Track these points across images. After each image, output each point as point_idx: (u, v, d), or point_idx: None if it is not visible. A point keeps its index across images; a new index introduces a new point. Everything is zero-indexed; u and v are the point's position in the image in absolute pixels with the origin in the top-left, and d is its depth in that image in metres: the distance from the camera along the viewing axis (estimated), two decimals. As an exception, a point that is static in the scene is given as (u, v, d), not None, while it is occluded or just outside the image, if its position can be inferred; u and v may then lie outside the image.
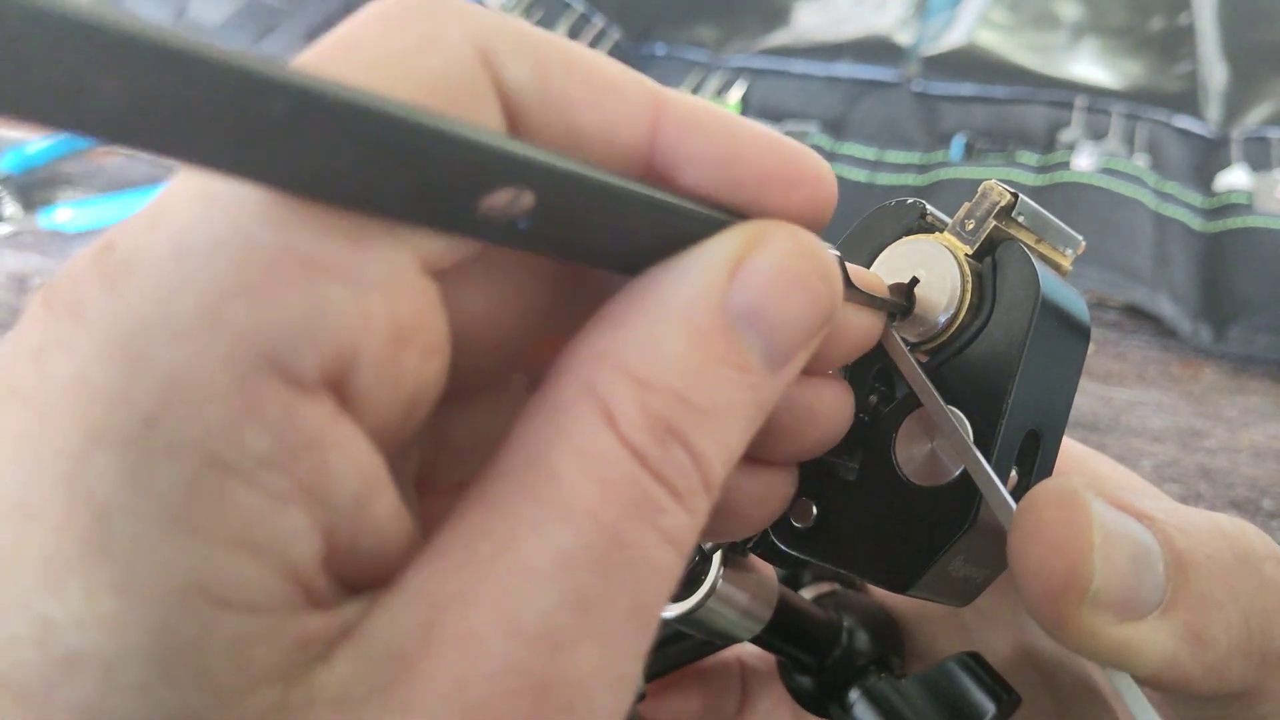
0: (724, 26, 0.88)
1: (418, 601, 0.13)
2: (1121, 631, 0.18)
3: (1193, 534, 0.19)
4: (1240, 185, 0.68)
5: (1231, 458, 0.56)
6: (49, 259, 0.66)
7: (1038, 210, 0.22)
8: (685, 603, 0.25)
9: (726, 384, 0.15)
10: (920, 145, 0.75)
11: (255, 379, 0.12)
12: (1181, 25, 0.82)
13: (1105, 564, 0.18)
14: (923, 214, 0.23)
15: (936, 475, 0.21)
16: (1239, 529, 0.20)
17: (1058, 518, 0.18)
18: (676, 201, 0.16)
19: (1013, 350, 0.21)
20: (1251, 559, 0.20)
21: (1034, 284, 0.21)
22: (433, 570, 0.13)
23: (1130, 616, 0.18)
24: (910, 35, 0.83)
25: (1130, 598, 0.18)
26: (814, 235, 0.17)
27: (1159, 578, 0.19)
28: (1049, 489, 0.19)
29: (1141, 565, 0.19)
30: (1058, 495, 0.19)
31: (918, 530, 0.21)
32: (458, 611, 0.13)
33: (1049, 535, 0.18)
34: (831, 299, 0.17)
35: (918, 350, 0.22)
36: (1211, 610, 0.19)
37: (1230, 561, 0.19)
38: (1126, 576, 0.18)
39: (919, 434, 0.22)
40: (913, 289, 0.22)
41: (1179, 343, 0.62)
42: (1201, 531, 0.20)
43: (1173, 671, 0.19)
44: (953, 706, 0.25)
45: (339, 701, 0.12)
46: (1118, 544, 0.18)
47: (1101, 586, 0.18)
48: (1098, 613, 0.18)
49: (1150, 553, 0.19)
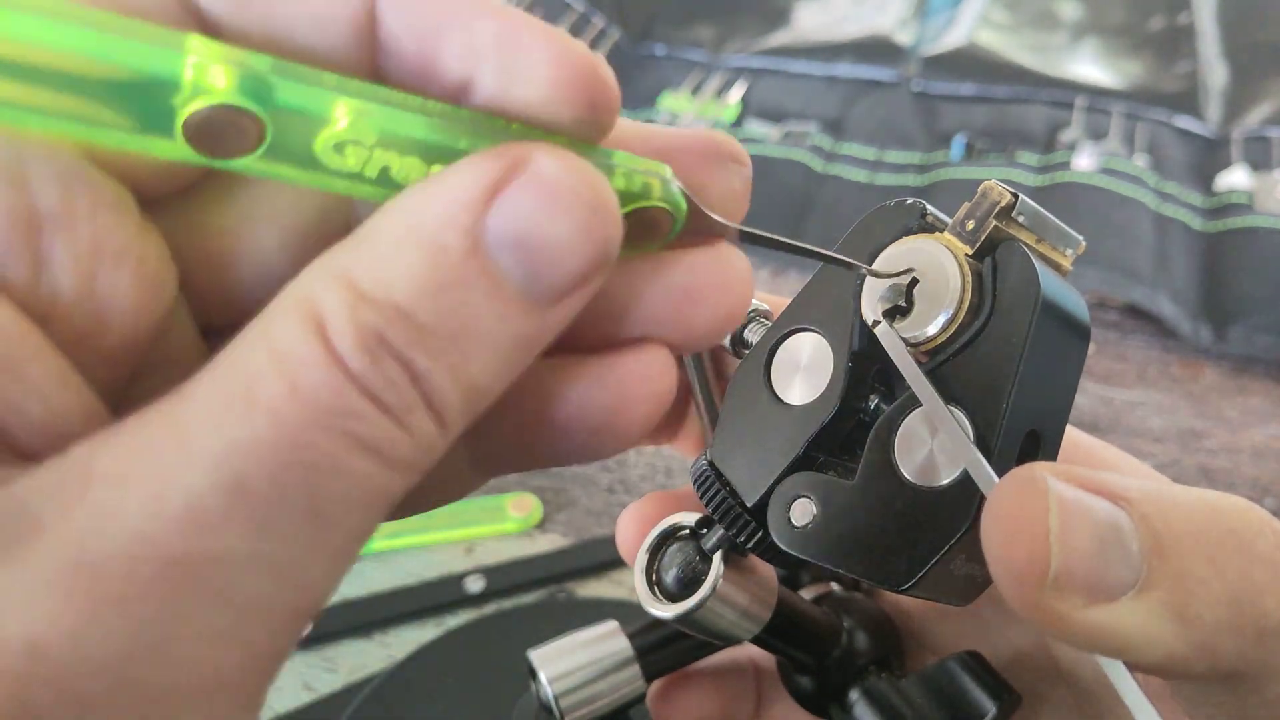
0: (724, 26, 0.88)
1: (71, 471, 0.13)
2: (1094, 614, 0.18)
3: (1174, 511, 0.19)
4: (1240, 185, 0.68)
5: (1232, 458, 0.56)
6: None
7: (1038, 210, 0.22)
8: (685, 603, 0.25)
9: (469, 310, 0.15)
10: (920, 145, 0.75)
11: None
12: (1181, 25, 0.82)
13: (1065, 545, 0.18)
14: (923, 214, 0.23)
15: (937, 475, 0.21)
16: (1231, 504, 0.20)
17: (1013, 504, 0.18)
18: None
19: (1013, 350, 0.21)
20: (1241, 533, 0.19)
21: (1034, 284, 0.21)
22: (99, 446, 0.13)
23: (1101, 598, 0.18)
24: (910, 35, 0.83)
25: (1098, 579, 0.18)
26: (587, 163, 0.16)
27: (1133, 557, 0.18)
28: (1010, 476, 0.18)
29: (1108, 545, 0.18)
30: (1015, 481, 0.18)
31: (918, 530, 0.21)
32: (105, 485, 0.13)
33: (1008, 522, 0.18)
34: (605, 232, 0.16)
35: (917, 350, 0.22)
36: (1193, 587, 0.18)
37: (1216, 536, 0.19)
38: (1091, 558, 0.18)
39: (919, 434, 0.22)
40: (912, 289, 0.22)
41: (1179, 343, 0.62)
42: (1185, 508, 0.19)
43: (1157, 652, 0.18)
44: (953, 706, 0.25)
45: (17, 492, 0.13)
46: (1079, 525, 0.18)
47: (1062, 568, 0.18)
48: (1063, 596, 0.18)
49: (1120, 531, 0.18)
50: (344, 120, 0.14)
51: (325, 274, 0.15)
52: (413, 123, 0.15)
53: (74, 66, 0.12)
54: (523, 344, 0.16)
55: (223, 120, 0.13)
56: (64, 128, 0.13)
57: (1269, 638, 0.19)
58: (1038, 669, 0.26)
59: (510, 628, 0.49)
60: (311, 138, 0.14)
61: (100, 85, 0.13)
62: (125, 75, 0.13)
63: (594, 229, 0.15)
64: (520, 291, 0.15)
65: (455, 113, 0.16)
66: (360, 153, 0.15)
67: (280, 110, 0.14)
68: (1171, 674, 0.19)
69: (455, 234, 0.15)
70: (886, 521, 0.21)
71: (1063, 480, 0.18)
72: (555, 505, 0.55)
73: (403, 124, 0.15)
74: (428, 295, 0.14)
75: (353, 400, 0.14)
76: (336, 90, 0.14)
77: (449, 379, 0.15)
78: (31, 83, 0.12)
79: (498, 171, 0.15)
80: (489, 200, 0.15)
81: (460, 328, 0.15)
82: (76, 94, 0.13)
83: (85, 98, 0.13)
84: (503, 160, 0.15)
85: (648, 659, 0.30)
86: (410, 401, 0.15)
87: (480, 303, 0.15)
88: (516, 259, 0.15)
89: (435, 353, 0.15)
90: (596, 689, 0.29)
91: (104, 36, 0.12)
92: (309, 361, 0.14)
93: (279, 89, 0.14)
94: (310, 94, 0.14)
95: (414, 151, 0.15)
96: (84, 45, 0.12)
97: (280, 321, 0.14)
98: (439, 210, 0.15)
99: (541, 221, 0.15)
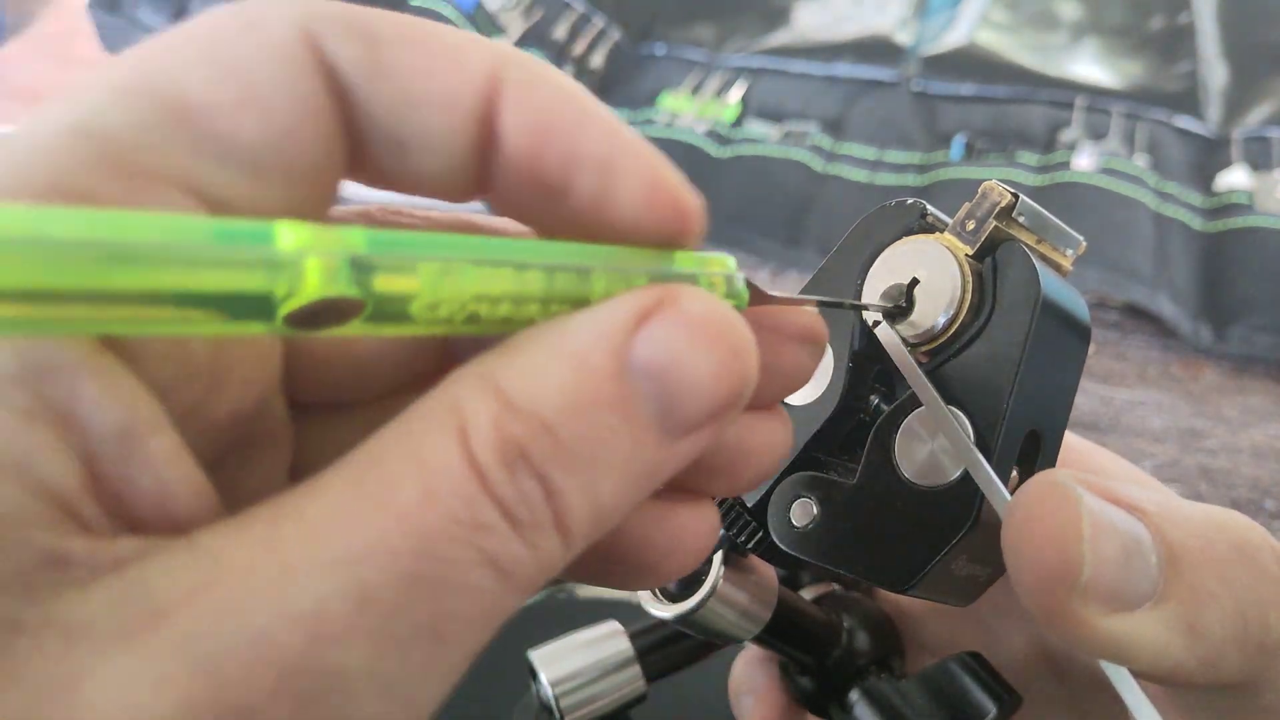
0: (723, 26, 0.88)
1: (199, 560, 0.13)
2: (1114, 623, 0.18)
3: (1185, 525, 0.19)
4: (1241, 185, 0.68)
5: (1232, 458, 0.56)
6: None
7: (1038, 211, 0.22)
8: (685, 603, 0.25)
9: (608, 432, 0.15)
10: (920, 145, 0.75)
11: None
12: (1181, 25, 0.82)
13: (1095, 555, 0.18)
14: (923, 214, 0.23)
15: (937, 476, 0.21)
16: (1233, 520, 0.20)
17: (1047, 509, 0.18)
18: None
19: (1013, 351, 0.21)
20: (1246, 550, 0.20)
21: (1035, 284, 0.21)
22: (229, 536, 0.13)
23: (1122, 608, 0.18)
24: (910, 35, 0.83)
25: (1121, 589, 0.18)
26: (730, 307, 0.16)
27: (1151, 569, 0.19)
28: (1039, 482, 0.19)
29: (1132, 556, 0.19)
30: (1047, 488, 0.19)
31: (919, 531, 0.21)
32: (232, 580, 0.13)
33: (1039, 527, 0.18)
34: (743, 377, 0.16)
35: (918, 351, 0.22)
36: (1205, 601, 0.19)
37: (1225, 553, 0.19)
38: (1117, 567, 0.18)
39: (920, 435, 0.22)
40: (913, 289, 0.22)
41: (1179, 343, 0.62)
42: (1195, 523, 0.20)
43: (1167, 663, 0.19)
44: (953, 707, 0.25)
45: (74, 631, 0.12)
46: (1107, 535, 0.18)
47: (1092, 577, 0.18)
48: (1089, 604, 0.18)
49: (1141, 544, 0.19)
50: (440, 288, 0.14)
51: (475, 380, 0.15)
52: (504, 279, 0.15)
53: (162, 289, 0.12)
54: (651, 472, 0.16)
55: (322, 307, 0.13)
56: (148, 329, 0.12)
57: (1270, 652, 0.19)
58: (1033, 668, 0.26)
59: (510, 628, 0.49)
60: (409, 305, 0.14)
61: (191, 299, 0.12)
62: (218, 295, 0.12)
63: (733, 369, 0.16)
64: (656, 420, 0.15)
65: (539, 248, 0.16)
66: (453, 307, 0.15)
67: (379, 295, 0.14)
68: (1175, 684, 0.19)
69: (604, 355, 0.15)
70: (887, 522, 0.21)
71: (1089, 490, 0.19)
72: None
73: (495, 283, 0.15)
74: (572, 412, 0.14)
75: (485, 513, 0.14)
76: (434, 259, 0.14)
77: (581, 499, 0.15)
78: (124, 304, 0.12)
79: (648, 302, 0.15)
80: (637, 328, 0.15)
81: (598, 449, 0.15)
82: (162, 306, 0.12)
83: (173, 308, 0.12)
84: (653, 295, 0.16)
85: (648, 659, 0.30)
86: (541, 519, 0.14)
87: (618, 426, 0.15)
88: (657, 388, 0.15)
89: (571, 471, 0.14)
90: (597, 689, 0.29)
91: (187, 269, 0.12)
92: (447, 468, 0.14)
93: (377, 278, 0.13)
94: (406, 278, 0.14)
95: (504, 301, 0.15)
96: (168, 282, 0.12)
97: (423, 423, 0.14)
98: (591, 331, 0.15)
99: (684, 353, 0.15)
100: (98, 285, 0.11)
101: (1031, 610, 0.19)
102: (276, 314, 0.13)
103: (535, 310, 0.15)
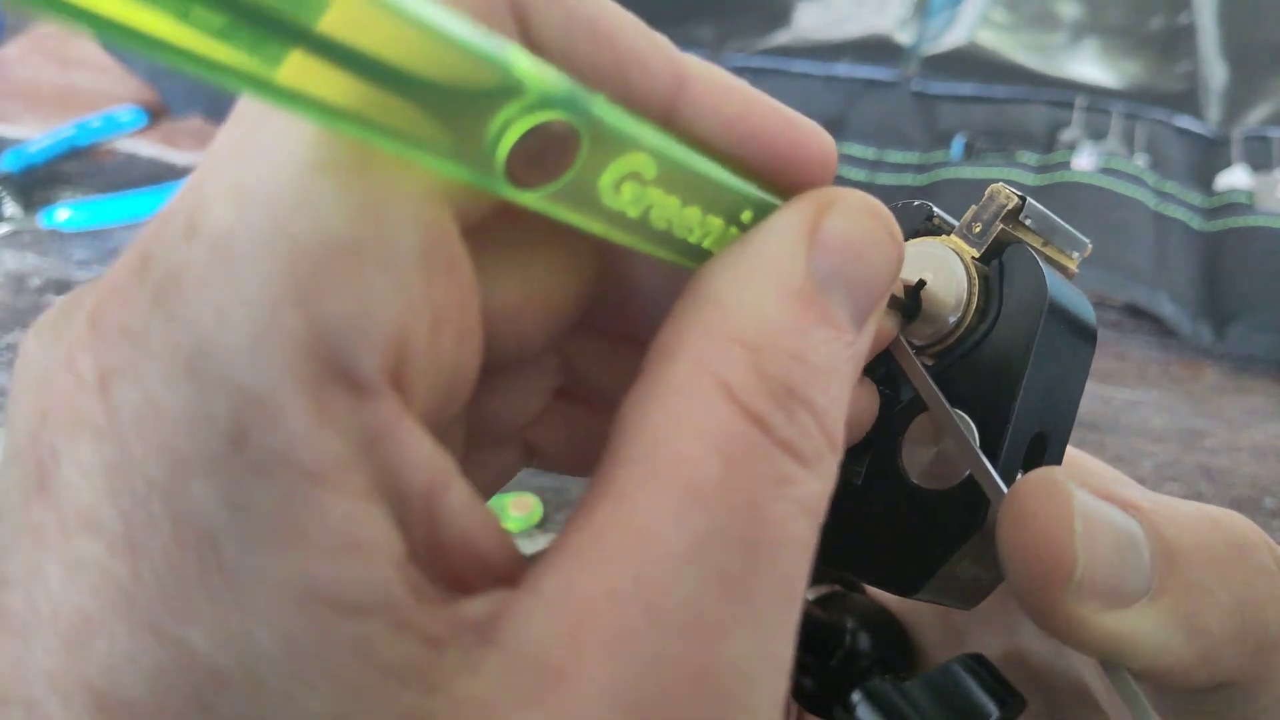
0: (724, 26, 0.88)
1: (559, 605, 0.13)
2: (1109, 620, 0.18)
3: (1181, 522, 0.19)
4: (1241, 185, 0.68)
5: (1232, 457, 0.56)
6: (48, 259, 0.66)
7: (1045, 213, 0.22)
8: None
9: (828, 343, 0.15)
10: (920, 145, 0.75)
11: (322, 386, 0.12)
12: (1181, 25, 0.82)
13: (1089, 550, 0.18)
14: (929, 216, 0.23)
15: (943, 479, 0.21)
16: (1229, 518, 0.20)
17: (1041, 506, 0.18)
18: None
19: (1020, 353, 0.21)
20: (1243, 546, 0.20)
21: (1041, 287, 0.21)
22: (569, 571, 0.13)
23: (1116, 604, 0.18)
24: (910, 35, 0.83)
25: (1116, 585, 0.18)
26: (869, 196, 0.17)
27: (1145, 565, 0.19)
28: (1031, 479, 0.19)
29: (1126, 552, 0.19)
30: (1040, 485, 0.19)
31: (925, 534, 0.21)
32: (602, 611, 0.12)
33: (1033, 523, 0.18)
34: (900, 253, 0.17)
35: (924, 353, 0.22)
36: (1202, 597, 0.19)
37: (1221, 549, 0.19)
38: (1111, 563, 0.18)
39: (925, 437, 0.22)
40: (919, 291, 0.22)
41: (1179, 343, 0.62)
42: (1190, 520, 0.20)
43: (1165, 660, 0.19)
44: (956, 708, 0.25)
45: (488, 712, 0.12)
46: (1101, 531, 0.18)
47: (1086, 573, 0.18)
48: (1083, 600, 0.18)
49: (1135, 540, 0.19)
50: (642, 149, 0.14)
51: (707, 336, 0.15)
52: (695, 161, 0.15)
53: (416, 62, 0.11)
54: (859, 368, 0.16)
55: (540, 145, 0.13)
56: (385, 144, 0.12)
57: (1267, 650, 0.19)
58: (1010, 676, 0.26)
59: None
60: (603, 169, 0.14)
61: (430, 89, 0.12)
62: (465, 77, 0.12)
63: (894, 252, 0.17)
64: (850, 318, 0.16)
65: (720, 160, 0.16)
66: (635, 189, 0.14)
67: (598, 126, 0.13)
68: (1172, 681, 0.19)
69: (799, 276, 0.15)
70: (892, 525, 0.21)
71: (1082, 487, 0.19)
72: (556, 505, 0.55)
73: (689, 160, 0.15)
74: (801, 335, 0.15)
75: (782, 462, 0.14)
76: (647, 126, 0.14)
77: (836, 412, 0.15)
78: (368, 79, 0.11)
79: (812, 217, 0.16)
80: (811, 242, 0.16)
81: (829, 361, 0.15)
82: (406, 97, 0.12)
83: (413, 103, 0.12)
84: (811, 206, 0.16)
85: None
86: (820, 446, 0.15)
87: (832, 336, 0.15)
88: (844, 289, 0.16)
89: (823, 388, 0.15)
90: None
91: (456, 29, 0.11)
92: (734, 430, 0.14)
93: (597, 106, 0.13)
94: (622, 115, 0.14)
95: (678, 189, 0.15)
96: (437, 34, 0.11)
97: (689, 394, 0.14)
98: (776, 259, 0.15)
99: (857, 251, 0.16)
100: None
101: (1027, 608, 0.19)
102: (505, 139, 0.12)
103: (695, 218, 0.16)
